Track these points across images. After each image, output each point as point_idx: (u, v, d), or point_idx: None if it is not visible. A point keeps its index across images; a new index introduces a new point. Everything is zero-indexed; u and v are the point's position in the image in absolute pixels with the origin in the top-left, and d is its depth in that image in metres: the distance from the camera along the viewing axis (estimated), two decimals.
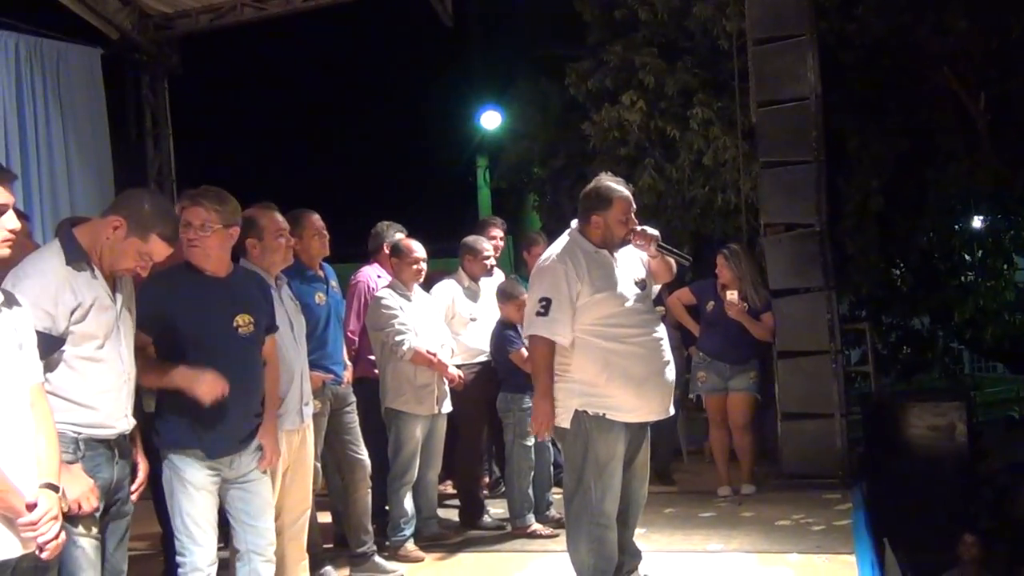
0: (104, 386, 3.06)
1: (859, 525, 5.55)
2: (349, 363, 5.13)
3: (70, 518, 2.88)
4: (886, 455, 7.35)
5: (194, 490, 3.45)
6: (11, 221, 2.61)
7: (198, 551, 3.43)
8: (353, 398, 4.98)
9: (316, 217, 4.90)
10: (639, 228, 4.27)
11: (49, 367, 2.92)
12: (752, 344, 6.63)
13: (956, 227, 9.69)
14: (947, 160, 8.69)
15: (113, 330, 3.08)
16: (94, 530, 3.01)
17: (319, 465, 4.63)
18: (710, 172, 8.48)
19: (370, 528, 4.98)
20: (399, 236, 5.72)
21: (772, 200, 7.10)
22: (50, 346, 2.91)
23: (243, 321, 3.55)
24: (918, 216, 9.07)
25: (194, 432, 3.44)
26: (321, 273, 4.95)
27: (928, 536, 6.71)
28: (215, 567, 3.49)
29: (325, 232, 4.92)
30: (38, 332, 2.82)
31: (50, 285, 2.94)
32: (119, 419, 3.12)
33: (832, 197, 7.40)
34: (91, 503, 2.94)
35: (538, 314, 4.15)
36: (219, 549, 3.57)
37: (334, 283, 5.05)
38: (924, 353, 10.17)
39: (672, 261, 4.39)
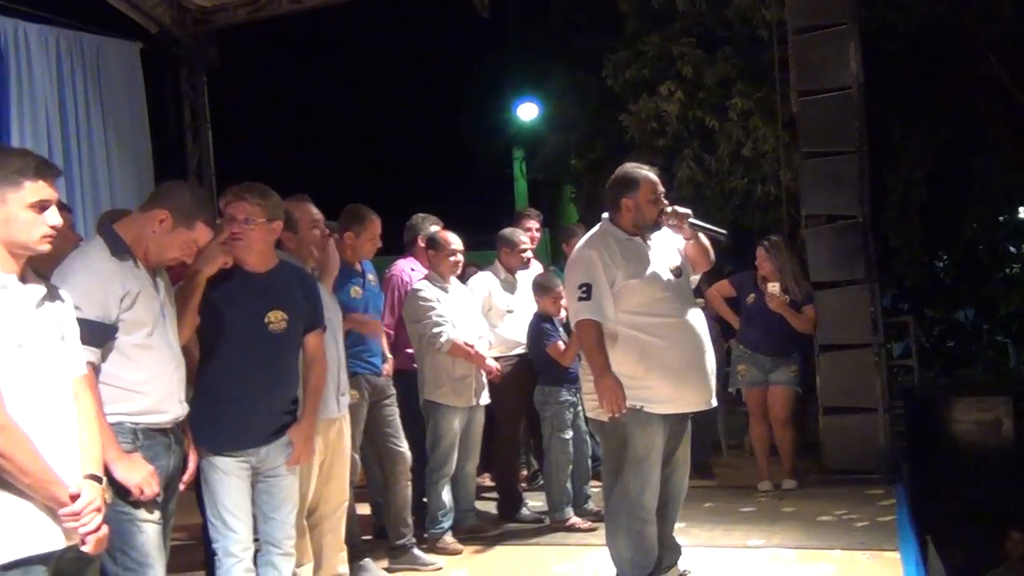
0: (156, 372, 3.10)
1: (903, 521, 5.47)
2: (389, 356, 5.13)
3: (132, 503, 2.92)
4: (930, 450, 7.26)
5: (225, 477, 3.48)
6: (54, 217, 2.62)
7: (231, 537, 3.47)
8: (393, 390, 4.98)
9: (379, 222, 4.89)
10: (670, 208, 4.23)
11: (102, 356, 2.97)
12: (793, 337, 6.54)
13: (1001, 218, 9.51)
14: (992, 150, 8.55)
15: (160, 318, 3.13)
16: (156, 514, 3.04)
17: (357, 456, 4.64)
18: (750, 163, 8.39)
19: (409, 520, 4.97)
20: (434, 228, 5.70)
21: (813, 191, 7.00)
22: (104, 335, 2.97)
23: (275, 318, 3.55)
24: (962, 207, 8.92)
25: (219, 424, 3.47)
26: (358, 267, 4.94)
27: (974, 533, 6.63)
28: (250, 552, 3.51)
29: (380, 241, 4.92)
30: (92, 321, 2.88)
31: (99, 275, 3.00)
32: (173, 404, 3.16)
33: (875, 188, 7.29)
34: (152, 488, 2.98)
35: (580, 299, 4.10)
36: (255, 539, 3.59)
37: (371, 276, 5.05)
38: (968, 346, 10.02)
39: (709, 246, 4.34)
